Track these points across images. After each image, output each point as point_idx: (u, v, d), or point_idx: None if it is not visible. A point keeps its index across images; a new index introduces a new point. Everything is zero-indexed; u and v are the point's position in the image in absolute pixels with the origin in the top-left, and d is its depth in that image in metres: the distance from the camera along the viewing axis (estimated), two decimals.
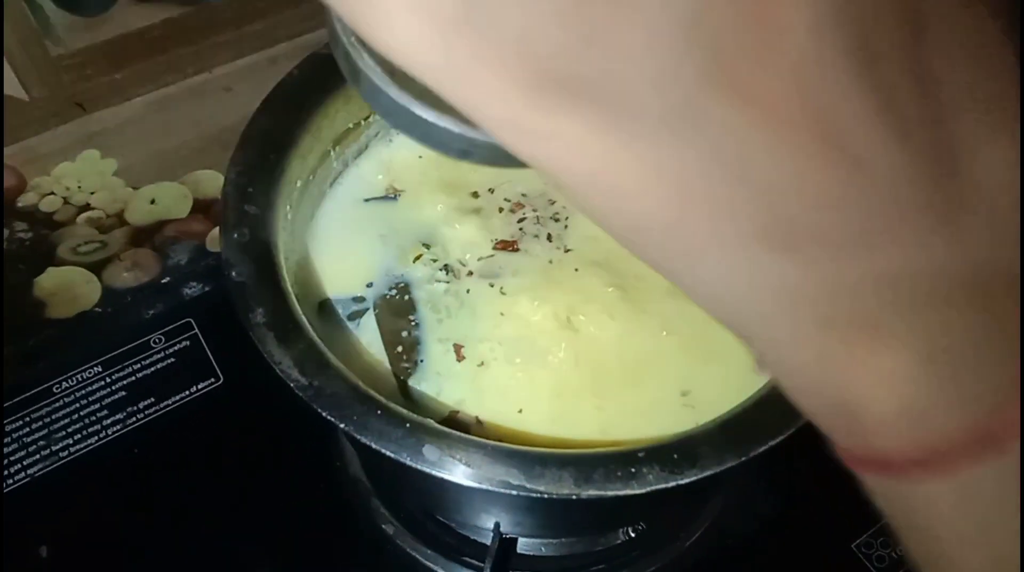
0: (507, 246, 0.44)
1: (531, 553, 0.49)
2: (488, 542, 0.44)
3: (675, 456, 0.32)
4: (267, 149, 0.40)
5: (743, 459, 0.32)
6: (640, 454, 0.32)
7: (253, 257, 0.36)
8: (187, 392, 0.56)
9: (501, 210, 0.46)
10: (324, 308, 0.42)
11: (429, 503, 0.48)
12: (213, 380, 0.56)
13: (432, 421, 0.33)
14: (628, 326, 0.41)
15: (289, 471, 0.52)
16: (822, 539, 0.51)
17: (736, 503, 0.51)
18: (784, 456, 0.52)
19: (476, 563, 0.48)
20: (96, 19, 0.54)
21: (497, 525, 0.42)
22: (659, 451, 0.32)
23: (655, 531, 0.50)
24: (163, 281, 0.63)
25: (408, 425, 0.32)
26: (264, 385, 0.35)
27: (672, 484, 0.31)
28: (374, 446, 0.31)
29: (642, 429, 0.37)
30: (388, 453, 0.31)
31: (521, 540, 0.48)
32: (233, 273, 0.35)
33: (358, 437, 0.31)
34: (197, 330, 0.59)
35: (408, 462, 0.31)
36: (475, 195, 0.47)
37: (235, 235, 0.37)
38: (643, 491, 0.31)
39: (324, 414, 0.32)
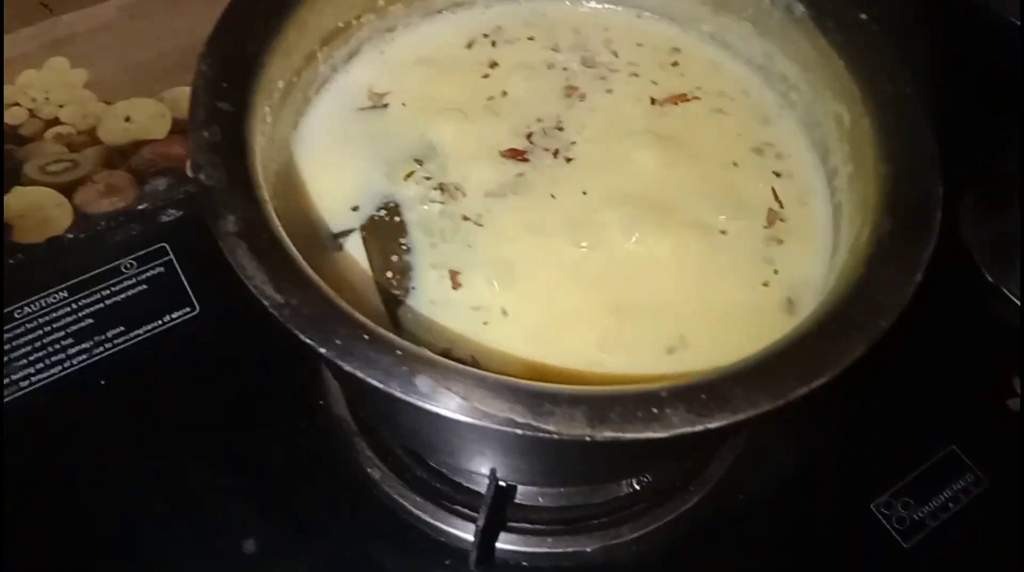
0: (516, 155, 0.39)
1: (528, 503, 0.45)
2: (483, 490, 0.40)
3: (703, 397, 0.28)
4: (244, 41, 0.35)
5: (780, 403, 0.28)
6: (663, 394, 0.27)
7: (225, 159, 0.32)
8: (160, 321, 0.51)
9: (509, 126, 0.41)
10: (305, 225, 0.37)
11: (420, 445, 0.44)
12: (188, 309, 0.52)
13: (426, 349, 0.28)
14: (642, 252, 0.37)
15: (268, 410, 0.48)
16: (840, 498, 0.48)
17: (750, 458, 0.48)
18: (803, 409, 0.49)
19: (469, 512, 0.44)
20: None
21: (493, 471, 0.38)
22: (684, 391, 0.28)
23: (661, 484, 0.46)
24: (139, 207, 0.58)
25: (399, 352, 0.28)
26: (244, 316, 0.31)
27: (700, 428, 0.27)
28: (359, 375, 0.27)
29: (650, 366, 0.33)
30: (376, 383, 0.27)
31: (521, 489, 0.45)
32: (202, 176, 0.31)
33: (341, 364, 0.27)
34: (172, 256, 0.54)
35: (399, 394, 0.27)
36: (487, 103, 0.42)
37: (205, 134, 0.32)
38: (666, 435, 0.27)
39: (303, 337, 0.28)
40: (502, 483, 0.40)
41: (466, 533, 0.44)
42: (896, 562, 0.46)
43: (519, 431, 0.27)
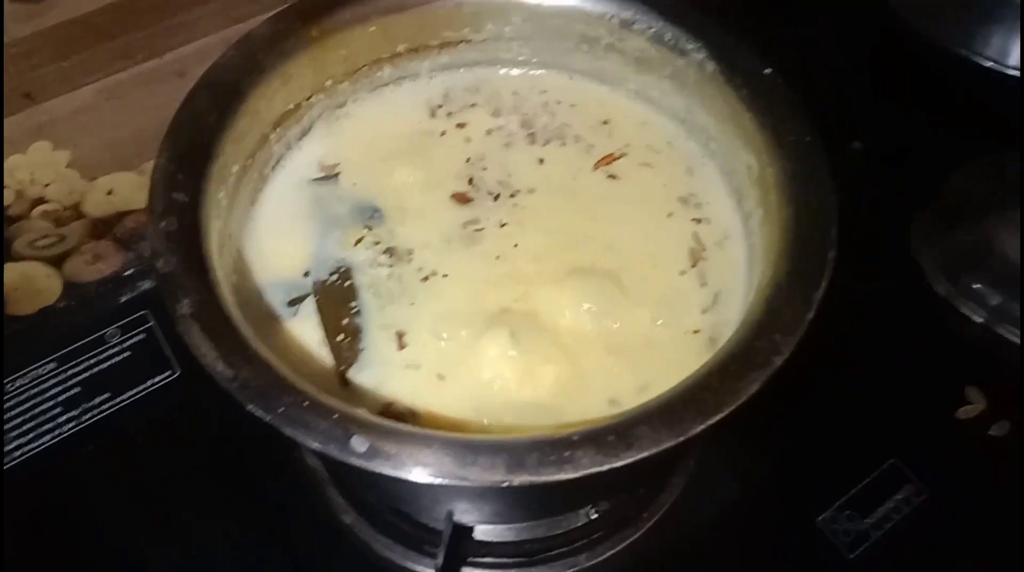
0: (463, 200, 0.43)
1: (490, 540, 0.48)
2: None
3: (610, 438, 0.31)
4: (199, 134, 0.39)
5: (680, 439, 0.31)
6: (575, 437, 0.31)
7: (181, 246, 0.35)
8: (143, 386, 0.55)
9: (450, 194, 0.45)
10: (264, 294, 0.41)
11: (380, 493, 0.47)
12: (169, 373, 0.55)
13: (364, 411, 0.32)
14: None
15: (246, 463, 0.51)
16: (786, 516, 0.51)
17: (699, 483, 0.51)
18: (743, 436, 0.52)
19: (434, 551, 0.47)
20: (40, 5, 0.52)
21: (450, 514, 0.41)
22: (594, 433, 0.31)
23: (617, 512, 0.49)
24: (126, 273, 0.62)
25: (336, 416, 0.31)
26: None
27: (606, 467, 0.30)
28: (299, 439, 0.30)
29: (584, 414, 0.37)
30: (316, 445, 0.30)
31: (480, 527, 0.48)
32: (159, 263, 0.34)
33: (283, 430, 0.30)
34: (153, 322, 0.58)
35: (335, 455, 0.30)
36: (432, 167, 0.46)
37: (162, 224, 0.36)
38: (577, 475, 0.30)
39: (248, 407, 0.31)
40: (459, 523, 0.43)
41: (433, 570, 0.47)
42: None
43: (445, 481, 0.30)
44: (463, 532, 0.43)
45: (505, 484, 0.30)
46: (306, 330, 0.40)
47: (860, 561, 0.49)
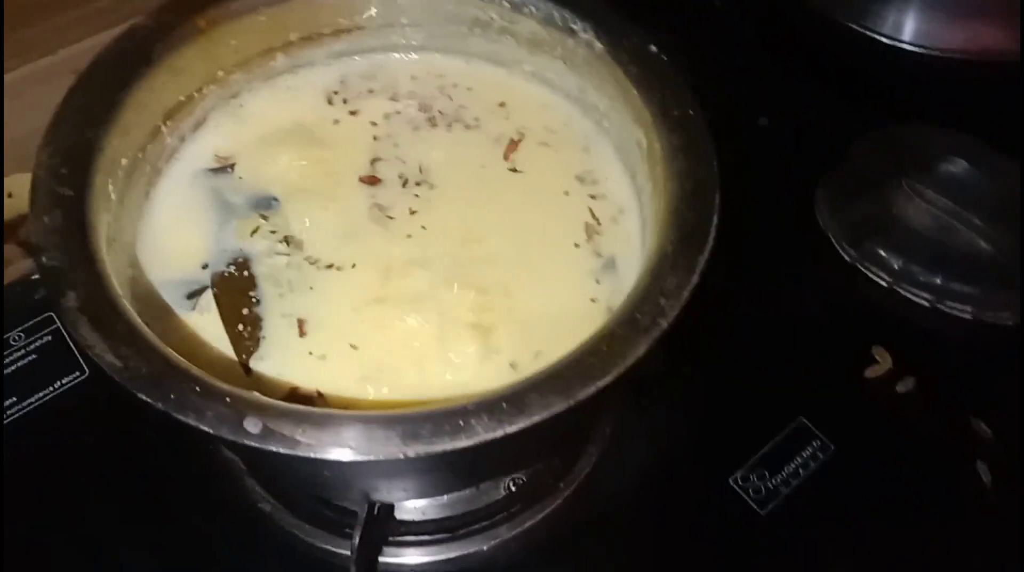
0: (372, 181, 0.44)
1: (411, 518, 0.49)
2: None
3: (504, 405, 0.32)
4: (83, 127, 0.39)
5: (571, 403, 0.32)
6: (469, 407, 0.31)
7: (66, 240, 0.35)
8: (51, 388, 0.54)
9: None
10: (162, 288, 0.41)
11: (296, 479, 0.47)
12: (78, 373, 0.54)
13: (257, 394, 0.32)
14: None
15: (160, 458, 0.51)
16: (699, 477, 0.52)
17: (614, 451, 0.52)
18: (656, 402, 0.53)
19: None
20: None
21: (365, 494, 0.42)
22: (488, 403, 0.32)
23: (535, 483, 0.50)
24: (34, 277, 0.60)
25: (228, 400, 0.31)
26: None
27: (500, 433, 0.31)
28: (193, 424, 0.30)
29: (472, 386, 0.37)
30: (208, 429, 0.30)
31: (404, 505, 0.48)
32: (44, 258, 0.34)
33: (176, 416, 0.31)
34: (59, 324, 0.56)
35: (229, 437, 0.30)
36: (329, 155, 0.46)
37: (46, 218, 0.35)
38: (471, 443, 0.31)
39: (140, 396, 0.31)
40: (376, 503, 0.43)
41: None
42: (755, 529, 0.50)
43: (340, 457, 0.30)
44: (383, 511, 0.44)
45: (401, 456, 0.30)
46: (207, 323, 0.40)
47: (772, 517, 0.51)
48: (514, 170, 0.47)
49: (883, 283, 0.62)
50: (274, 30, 0.47)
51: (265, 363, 0.39)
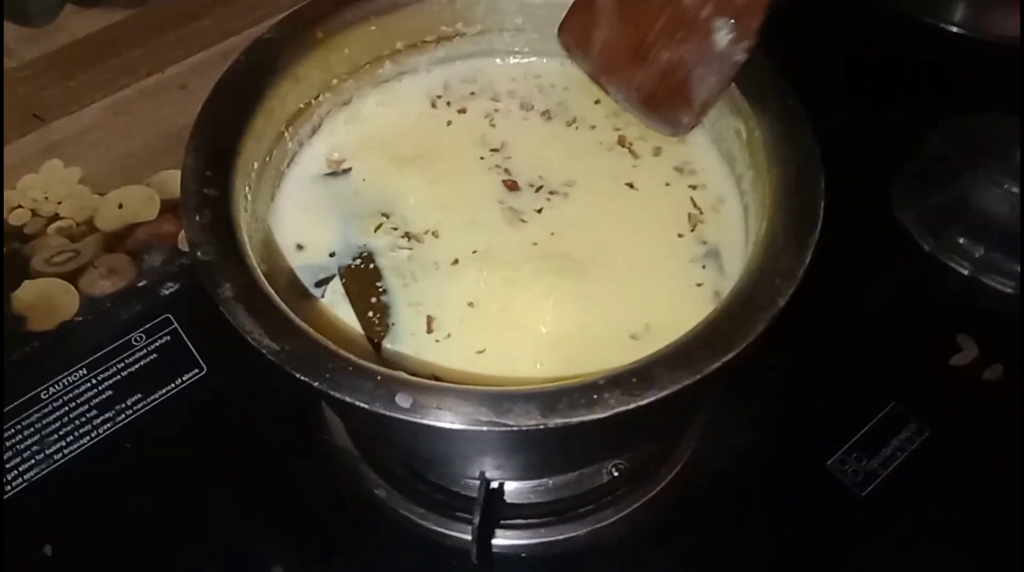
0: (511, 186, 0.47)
1: (520, 501, 0.51)
2: (476, 494, 0.45)
3: (634, 380, 0.33)
4: (221, 133, 0.41)
5: (697, 377, 0.33)
6: (601, 382, 0.33)
7: (217, 236, 0.38)
8: (172, 385, 0.57)
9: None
10: (293, 280, 0.43)
11: (415, 460, 0.50)
12: (197, 370, 0.58)
13: (402, 372, 0.34)
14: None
15: (279, 449, 0.54)
16: (797, 461, 0.54)
17: (711, 435, 0.53)
18: (751, 390, 0.55)
19: (467, 516, 0.50)
20: (44, 29, 0.54)
21: (482, 473, 0.44)
22: (619, 378, 0.33)
23: (636, 468, 0.52)
24: (140, 284, 0.64)
25: (379, 377, 0.33)
26: (247, 369, 0.36)
27: (632, 405, 0.33)
28: (348, 400, 0.33)
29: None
30: (362, 405, 0.33)
31: (510, 489, 0.50)
32: (199, 253, 0.37)
33: (332, 393, 0.33)
34: (176, 325, 0.60)
35: (382, 411, 0.33)
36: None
37: (197, 218, 0.38)
38: (605, 415, 0.32)
39: (298, 376, 0.33)
40: (492, 483, 0.45)
41: (467, 535, 0.49)
42: (856, 510, 0.51)
43: (485, 428, 0.32)
44: (495, 495, 0.46)
45: (541, 427, 0.32)
46: (337, 308, 0.43)
47: (872, 498, 0.52)
48: (617, 161, 0.49)
49: (965, 272, 0.62)
50: (383, 39, 0.49)
51: (398, 346, 0.41)
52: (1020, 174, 0.61)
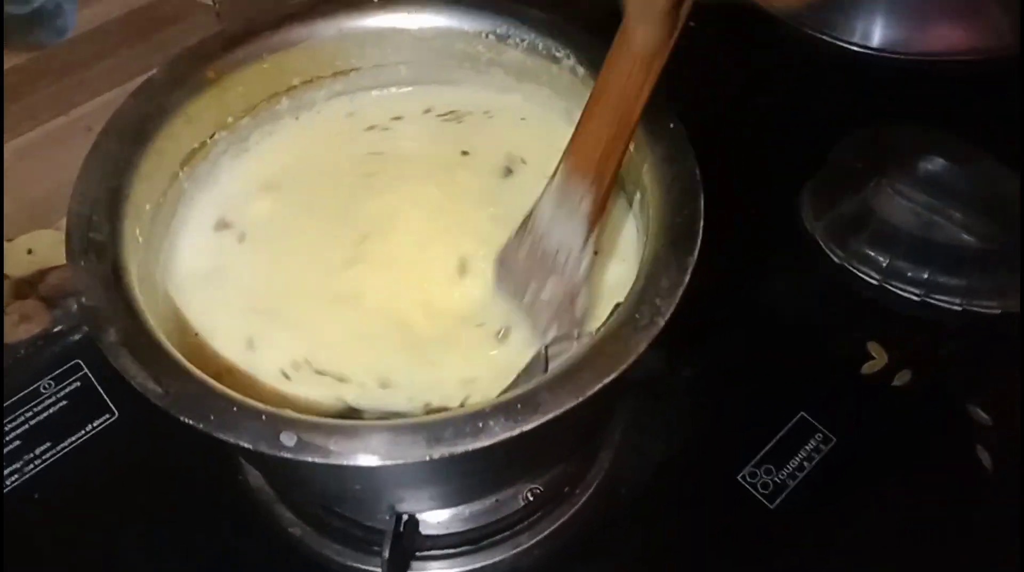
0: None
1: (437, 533, 0.51)
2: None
3: (519, 406, 0.34)
4: (108, 176, 0.41)
5: (580, 399, 0.34)
6: (487, 410, 0.34)
7: (103, 281, 0.37)
8: (83, 431, 0.56)
9: None
10: None
11: (325, 496, 0.50)
12: (108, 416, 0.57)
13: (290, 411, 0.34)
14: None
15: (193, 491, 0.53)
16: (709, 475, 0.54)
17: (623, 455, 0.54)
18: (663, 401, 0.56)
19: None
20: None
21: (390, 506, 0.44)
22: (504, 405, 0.34)
23: (551, 490, 0.52)
24: (56, 329, 0.63)
25: (264, 417, 0.33)
26: (158, 412, 0.36)
27: (516, 432, 0.33)
28: (232, 441, 0.33)
29: None
30: (248, 445, 0.33)
31: (426, 520, 0.50)
32: (83, 299, 0.37)
33: (217, 435, 0.33)
34: (87, 369, 0.59)
35: (266, 450, 0.33)
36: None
37: (82, 263, 0.38)
38: (491, 442, 0.33)
39: (183, 419, 0.33)
40: (403, 515, 0.45)
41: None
42: (765, 522, 0.52)
43: (373, 463, 0.33)
44: (409, 526, 0.46)
45: (426, 458, 0.33)
46: None
47: (781, 510, 0.53)
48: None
49: (872, 281, 0.64)
50: (278, 76, 0.50)
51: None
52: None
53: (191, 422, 0.33)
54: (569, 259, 0.41)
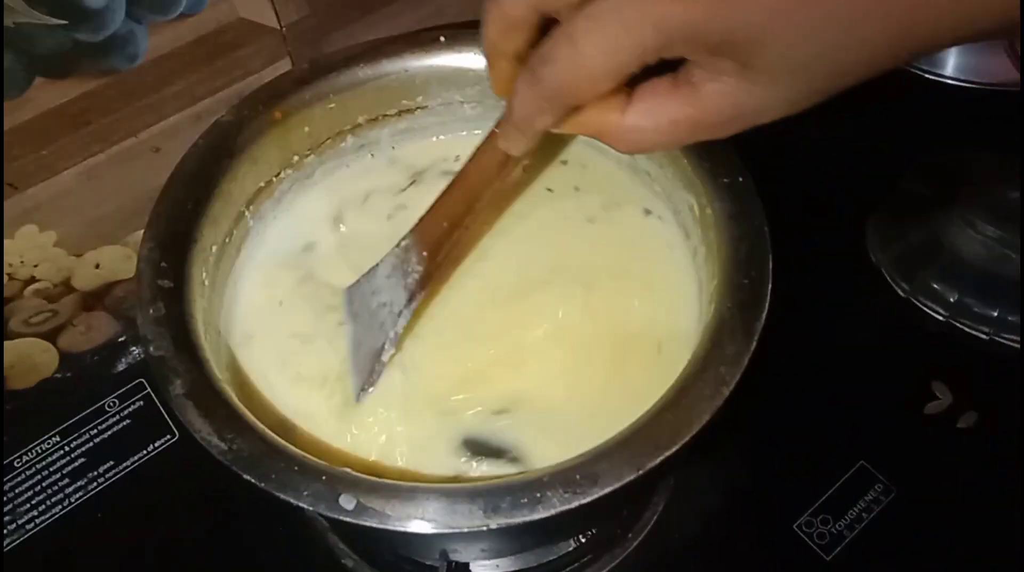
0: None
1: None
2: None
3: (577, 476, 0.34)
4: (177, 221, 0.42)
5: (639, 473, 0.34)
6: (544, 479, 0.34)
7: (170, 330, 0.38)
8: (144, 451, 0.58)
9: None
10: None
11: (375, 542, 0.50)
12: (169, 436, 0.58)
13: (349, 470, 0.35)
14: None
15: (248, 515, 0.54)
16: (764, 524, 0.54)
17: (679, 500, 0.54)
18: (718, 450, 0.55)
19: None
20: (15, 101, 0.55)
21: (444, 553, 0.44)
22: (562, 474, 0.34)
23: (603, 534, 0.52)
24: (120, 339, 0.64)
25: (324, 477, 0.34)
26: None
27: (575, 504, 0.33)
28: (292, 501, 0.33)
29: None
30: (306, 507, 0.33)
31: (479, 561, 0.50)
32: (151, 349, 0.37)
33: (277, 494, 0.33)
34: (149, 389, 0.60)
35: (326, 513, 0.33)
36: None
37: (151, 311, 0.38)
38: (548, 514, 0.33)
39: (245, 476, 0.34)
40: (454, 562, 0.45)
41: None
42: None
43: (429, 530, 0.33)
44: (459, 568, 0.46)
45: (484, 528, 0.33)
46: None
47: (838, 562, 0.51)
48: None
49: (939, 317, 0.62)
50: (343, 115, 0.50)
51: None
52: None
53: (253, 480, 0.34)
54: (388, 317, 0.43)
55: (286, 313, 0.46)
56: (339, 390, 0.43)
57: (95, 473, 0.57)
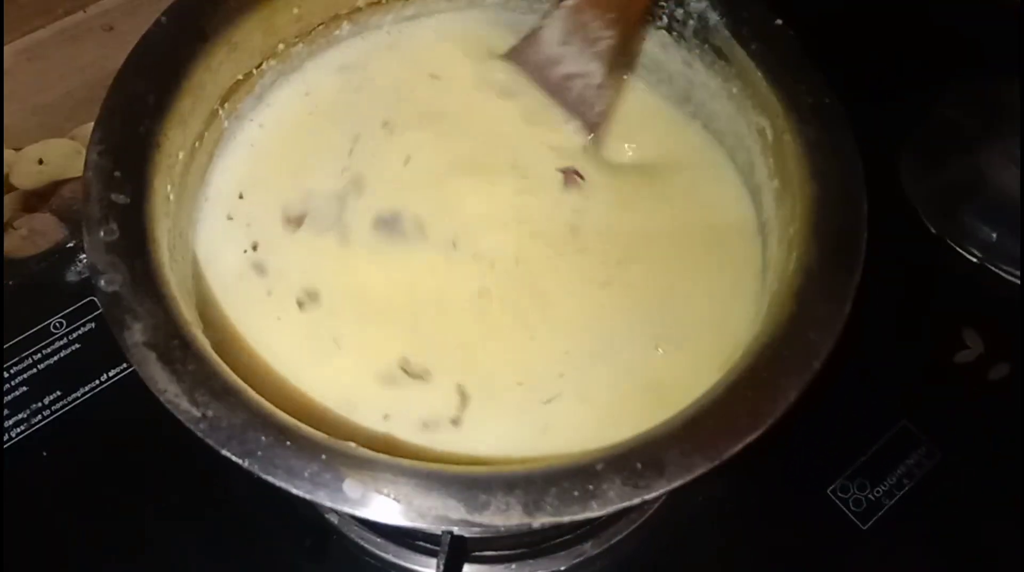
0: None
1: (491, 535, 0.45)
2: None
3: (638, 465, 0.27)
4: (134, 120, 0.33)
5: (714, 463, 0.27)
6: (598, 467, 0.27)
7: (126, 259, 0.30)
8: (97, 381, 0.50)
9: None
10: None
11: None
12: (126, 365, 0.50)
13: (354, 445, 0.28)
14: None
15: (218, 460, 0.47)
16: (798, 488, 0.49)
17: None
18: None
19: (429, 547, 0.44)
20: None
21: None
22: (619, 461, 0.27)
23: None
24: (68, 245, 0.56)
25: (324, 457, 0.27)
26: None
27: (637, 500, 0.27)
28: (285, 487, 0.26)
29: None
30: (303, 494, 0.26)
31: None
32: (102, 282, 0.29)
33: (266, 478, 0.26)
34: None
35: (328, 503, 0.26)
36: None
37: (101, 233, 0.30)
38: (605, 512, 0.27)
39: (223, 452, 0.27)
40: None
41: (429, 568, 0.44)
42: (856, 545, 0.47)
43: (456, 529, 0.26)
44: (459, 540, 0.40)
45: (529, 527, 0.26)
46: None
47: (874, 531, 0.47)
48: None
49: (973, 259, 0.57)
50: None
51: None
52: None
53: (232, 456, 0.27)
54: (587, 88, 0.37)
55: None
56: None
57: (39, 405, 0.49)
